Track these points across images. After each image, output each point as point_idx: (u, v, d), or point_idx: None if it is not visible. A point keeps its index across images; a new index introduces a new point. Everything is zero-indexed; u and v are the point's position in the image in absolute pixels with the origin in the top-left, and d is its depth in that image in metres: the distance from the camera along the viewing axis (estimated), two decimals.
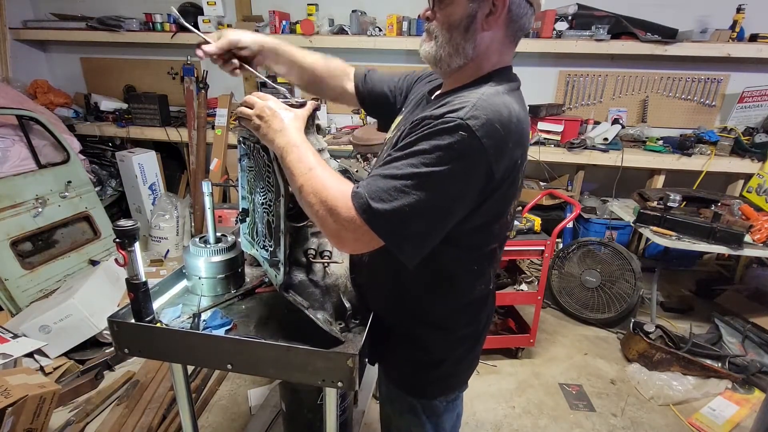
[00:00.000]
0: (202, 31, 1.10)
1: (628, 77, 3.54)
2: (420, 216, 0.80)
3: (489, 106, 0.80)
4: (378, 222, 0.80)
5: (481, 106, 0.79)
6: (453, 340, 1.08)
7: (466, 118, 0.77)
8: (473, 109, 0.78)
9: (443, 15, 0.88)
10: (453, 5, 0.86)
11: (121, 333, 1.15)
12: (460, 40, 0.88)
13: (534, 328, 2.50)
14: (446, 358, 1.09)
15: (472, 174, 0.80)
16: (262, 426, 1.86)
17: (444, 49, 0.90)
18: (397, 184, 0.79)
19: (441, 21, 0.89)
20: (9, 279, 2.46)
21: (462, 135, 0.76)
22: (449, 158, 0.77)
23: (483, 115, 0.78)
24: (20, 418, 1.65)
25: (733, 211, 2.58)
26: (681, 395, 2.28)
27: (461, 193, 0.81)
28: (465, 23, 0.86)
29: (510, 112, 0.83)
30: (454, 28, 0.87)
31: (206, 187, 1.29)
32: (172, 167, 4.06)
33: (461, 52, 0.89)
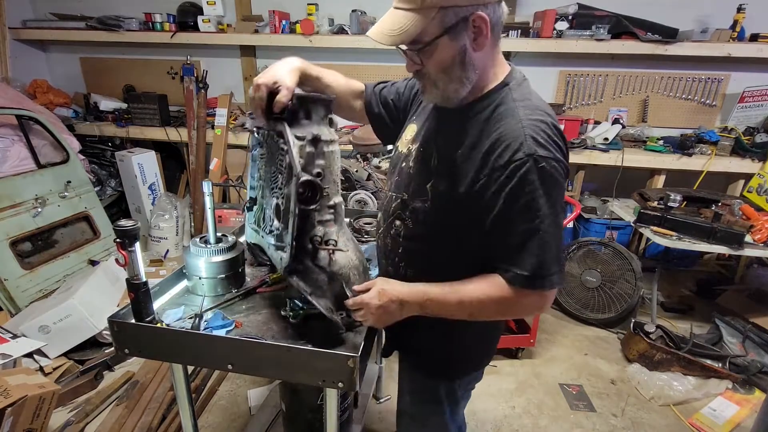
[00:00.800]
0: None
1: (628, 77, 3.53)
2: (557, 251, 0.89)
3: (538, 127, 0.86)
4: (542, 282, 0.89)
5: (534, 133, 0.85)
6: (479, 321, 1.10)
7: (532, 153, 0.84)
8: (532, 141, 0.84)
9: (433, 62, 0.89)
10: (439, 50, 0.87)
11: (121, 333, 1.14)
12: (460, 74, 0.90)
13: (534, 328, 2.49)
14: (472, 336, 1.13)
15: (563, 187, 0.90)
16: (262, 426, 1.86)
17: (449, 88, 0.92)
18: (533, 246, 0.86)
19: (434, 67, 0.90)
20: (8, 279, 2.46)
21: (541, 167, 0.84)
22: (546, 192, 0.85)
23: (542, 139, 0.85)
24: (20, 419, 1.64)
25: (734, 211, 2.57)
26: (681, 395, 2.28)
27: (562, 200, 0.91)
28: (459, 59, 0.88)
29: (548, 115, 0.90)
30: (450, 67, 0.89)
31: (206, 187, 1.29)
32: (172, 167, 4.06)
33: (465, 82, 0.91)
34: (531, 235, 0.86)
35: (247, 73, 3.98)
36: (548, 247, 0.87)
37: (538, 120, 0.87)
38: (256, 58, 3.98)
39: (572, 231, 3.58)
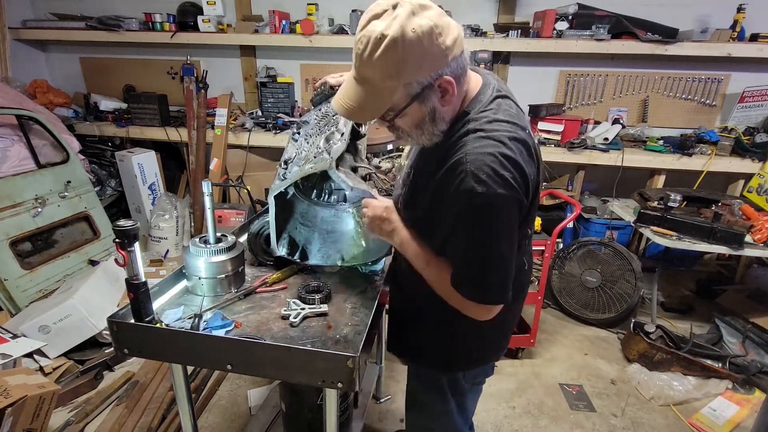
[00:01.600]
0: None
1: (628, 77, 3.53)
2: (498, 275, 0.95)
3: (481, 160, 0.87)
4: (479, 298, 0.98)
5: (476, 168, 0.87)
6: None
7: (469, 189, 0.87)
8: (471, 176, 0.87)
9: (404, 122, 0.95)
10: (408, 114, 0.92)
11: (121, 333, 1.14)
12: (431, 128, 0.95)
13: (534, 328, 2.49)
14: (469, 332, 1.16)
15: (505, 216, 0.92)
16: (262, 426, 1.86)
17: (422, 139, 0.98)
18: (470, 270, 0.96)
19: (405, 125, 0.96)
20: (8, 279, 2.46)
21: (476, 205, 0.88)
22: (478, 224, 0.91)
23: (484, 174, 0.86)
24: (20, 419, 1.64)
25: (734, 211, 2.57)
26: (681, 395, 2.28)
27: (513, 231, 0.95)
28: (429, 117, 0.93)
29: (498, 144, 0.89)
30: (422, 124, 0.94)
31: (206, 187, 1.29)
32: (172, 167, 4.06)
33: (437, 132, 0.96)
34: (468, 262, 0.96)
35: (247, 73, 3.98)
36: (482, 273, 0.94)
37: (485, 153, 0.88)
38: (256, 58, 3.98)
39: (572, 231, 3.58)
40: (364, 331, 1.15)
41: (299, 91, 4.01)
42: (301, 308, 1.24)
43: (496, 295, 0.97)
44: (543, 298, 2.44)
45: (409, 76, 0.85)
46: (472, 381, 1.29)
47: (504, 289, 0.97)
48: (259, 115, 3.90)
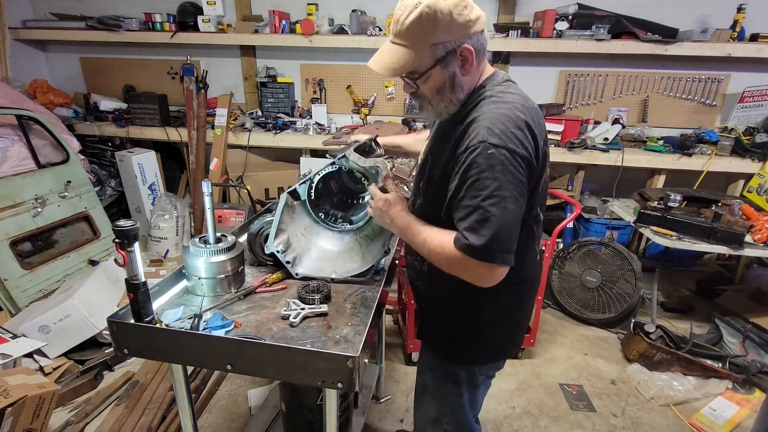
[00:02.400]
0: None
1: (628, 77, 3.53)
2: (504, 229, 0.95)
3: (497, 118, 0.97)
4: (481, 254, 0.96)
5: (491, 124, 0.96)
6: (496, 310, 1.19)
7: (483, 140, 0.94)
8: (486, 130, 0.95)
9: (427, 86, 1.05)
10: (432, 78, 1.03)
11: (121, 333, 1.14)
12: (451, 95, 1.05)
13: (534, 328, 2.49)
14: (491, 326, 1.21)
15: (517, 172, 0.95)
16: (262, 426, 1.86)
17: (441, 106, 1.08)
18: (475, 217, 0.96)
19: (428, 90, 1.06)
20: (8, 279, 2.46)
21: (490, 153, 0.93)
22: (492, 173, 0.94)
23: (498, 130, 0.95)
24: (20, 419, 1.64)
25: (734, 211, 2.57)
26: (681, 395, 2.28)
27: (519, 190, 0.97)
28: (449, 83, 1.03)
29: (515, 109, 0.99)
30: (442, 90, 1.05)
31: (206, 187, 1.29)
32: (172, 167, 4.06)
33: (455, 101, 1.07)
34: (473, 210, 0.96)
35: (247, 73, 3.98)
36: (488, 224, 0.94)
37: (500, 114, 0.98)
38: (256, 58, 3.98)
39: (572, 231, 3.58)
40: (364, 331, 1.15)
41: (299, 91, 4.02)
42: (300, 308, 1.24)
43: (499, 251, 0.96)
44: (543, 298, 2.44)
45: (436, 37, 0.97)
46: (486, 374, 1.33)
47: (507, 247, 0.97)
48: (259, 115, 3.90)
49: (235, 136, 3.61)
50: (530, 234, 1.13)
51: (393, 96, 3.85)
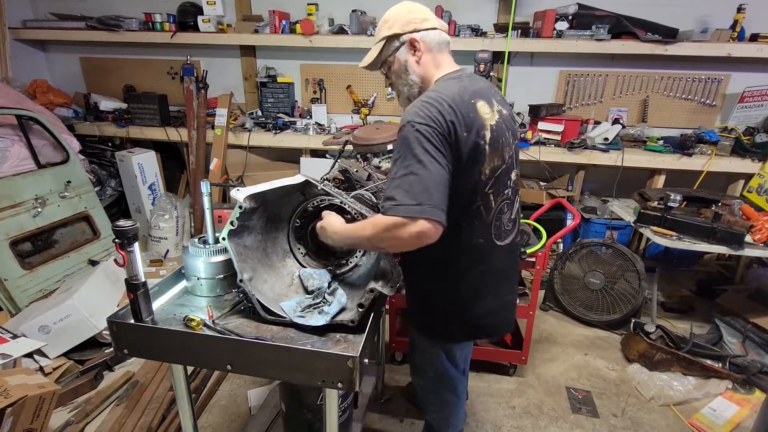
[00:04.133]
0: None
1: (628, 77, 3.53)
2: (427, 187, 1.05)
3: (424, 105, 1.13)
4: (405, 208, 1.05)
5: (418, 108, 1.13)
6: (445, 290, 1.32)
7: (410, 120, 1.11)
8: (413, 114, 1.12)
9: (393, 73, 1.34)
10: (393, 64, 1.32)
11: (121, 333, 1.15)
12: (406, 77, 1.32)
13: (526, 344, 2.32)
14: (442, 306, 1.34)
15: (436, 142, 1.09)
16: (262, 426, 1.86)
17: (404, 90, 1.34)
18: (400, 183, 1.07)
19: (394, 76, 1.34)
20: (8, 279, 2.46)
21: (415, 128, 1.09)
22: (415, 144, 1.08)
23: (423, 113, 1.11)
24: (20, 419, 1.64)
25: (734, 211, 2.57)
26: (681, 395, 2.28)
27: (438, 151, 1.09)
28: (404, 67, 1.31)
29: (438, 100, 1.13)
30: (401, 73, 1.32)
31: (205, 187, 1.29)
32: (172, 167, 4.06)
33: (411, 84, 1.32)
34: (402, 177, 1.07)
35: (247, 73, 3.99)
36: (412, 183, 1.05)
37: (428, 102, 1.13)
38: (256, 58, 3.98)
39: (573, 232, 3.58)
40: (364, 331, 1.15)
41: (299, 91, 4.02)
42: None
43: (427, 206, 1.04)
44: (534, 313, 2.33)
45: (389, 31, 1.28)
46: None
47: (435, 203, 1.05)
48: (259, 115, 3.90)
49: (235, 136, 3.61)
50: (470, 225, 1.23)
51: (393, 96, 3.85)
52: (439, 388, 1.53)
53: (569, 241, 3.47)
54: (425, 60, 1.29)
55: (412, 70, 1.30)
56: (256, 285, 1.24)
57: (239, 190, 1.18)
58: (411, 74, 1.30)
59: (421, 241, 1.07)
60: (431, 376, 1.52)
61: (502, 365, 2.45)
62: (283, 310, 1.21)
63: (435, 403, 1.58)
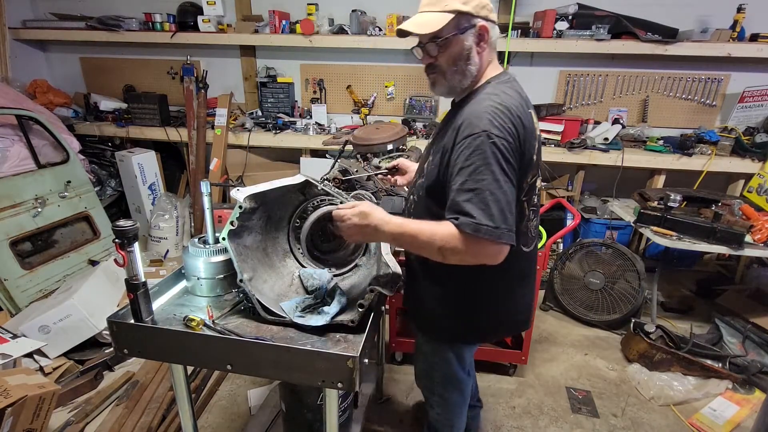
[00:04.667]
0: None
1: (628, 77, 3.53)
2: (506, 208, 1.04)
3: (496, 112, 1.07)
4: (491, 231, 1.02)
5: (491, 116, 1.06)
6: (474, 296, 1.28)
7: (486, 130, 1.05)
8: (486, 121, 1.06)
9: (445, 55, 1.16)
10: (452, 45, 1.14)
11: (121, 333, 1.15)
12: (464, 66, 1.16)
13: (526, 344, 2.33)
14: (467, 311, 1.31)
15: (511, 158, 1.06)
16: (262, 426, 1.86)
17: (454, 78, 1.18)
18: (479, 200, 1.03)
19: (445, 59, 1.16)
20: (8, 279, 2.46)
21: (492, 141, 1.04)
22: (494, 159, 1.04)
23: (497, 123, 1.06)
24: (20, 419, 1.64)
25: (734, 211, 2.57)
26: (681, 395, 2.28)
27: (513, 170, 1.08)
28: (466, 54, 1.15)
29: (508, 108, 1.09)
30: (458, 60, 1.16)
31: (205, 187, 1.29)
32: (172, 167, 4.06)
33: (467, 74, 1.18)
34: (480, 193, 1.03)
35: (247, 73, 3.98)
36: (489, 203, 1.02)
37: (497, 108, 1.08)
38: (256, 58, 3.98)
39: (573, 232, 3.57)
40: (364, 331, 1.15)
41: (299, 91, 4.02)
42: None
43: (503, 230, 1.02)
44: (534, 313, 2.34)
45: (461, 5, 1.11)
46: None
47: (508, 225, 1.03)
48: (259, 115, 3.90)
49: (235, 136, 3.61)
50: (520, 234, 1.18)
51: (393, 96, 3.85)
52: (447, 390, 1.52)
53: (569, 241, 3.46)
54: (485, 54, 1.18)
55: (473, 60, 1.16)
56: (256, 285, 1.24)
57: (239, 190, 1.18)
58: (471, 64, 1.16)
59: (492, 261, 1.07)
60: (438, 381, 1.50)
61: (502, 365, 2.45)
62: (283, 310, 1.21)
63: (441, 405, 1.56)
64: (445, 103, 3.78)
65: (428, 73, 1.22)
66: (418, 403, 2.21)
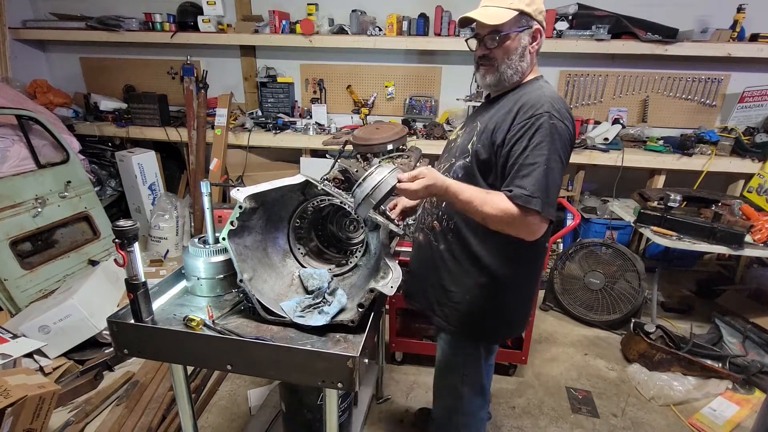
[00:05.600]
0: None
1: (628, 77, 3.53)
2: (553, 185, 1.13)
3: (555, 102, 1.17)
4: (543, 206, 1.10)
5: (552, 101, 1.16)
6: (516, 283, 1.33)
7: (549, 111, 1.13)
8: (550, 105, 1.15)
9: (502, 49, 1.23)
10: (509, 41, 1.22)
11: (121, 333, 1.14)
12: (517, 63, 1.24)
13: (526, 344, 2.32)
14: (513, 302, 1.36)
15: (568, 144, 1.17)
16: (262, 426, 1.86)
17: (507, 72, 1.25)
18: (536, 174, 1.11)
19: (501, 53, 1.23)
20: (8, 279, 2.46)
21: (553, 123, 1.13)
22: (556, 138, 1.13)
23: (557, 107, 1.15)
24: (20, 419, 1.64)
25: (734, 211, 2.57)
26: (681, 395, 2.28)
27: (567, 156, 1.18)
28: (521, 51, 1.23)
29: (564, 105, 1.20)
30: (513, 54, 1.23)
31: (205, 187, 1.29)
32: (172, 167, 4.06)
33: (518, 70, 1.25)
34: (537, 167, 1.11)
35: (247, 73, 3.98)
36: (546, 180, 1.10)
37: (557, 99, 1.19)
38: (256, 58, 3.98)
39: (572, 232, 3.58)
40: (364, 331, 1.15)
41: (299, 91, 4.02)
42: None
43: (551, 205, 1.12)
44: (534, 313, 2.32)
45: (527, 7, 1.20)
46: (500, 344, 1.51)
47: (554, 203, 1.13)
48: (259, 115, 3.90)
49: (235, 136, 3.61)
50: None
51: (393, 96, 3.85)
52: (473, 398, 1.50)
53: (569, 241, 3.46)
54: (534, 55, 1.27)
55: (525, 58, 1.24)
56: (256, 285, 1.24)
57: (239, 190, 1.18)
58: (523, 61, 1.24)
59: (531, 235, 1.15)
60: (467, 389, 1.47)
61: (502, 365, 2.45)
62: (283, 310, 1.21)
63: (467, 415, 1.53)
64: (446, 104, 3.79)
65: (480, 64, 1.28)
66: (418, 404, 2.21)
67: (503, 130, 1.18)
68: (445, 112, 3.78)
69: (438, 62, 3.72)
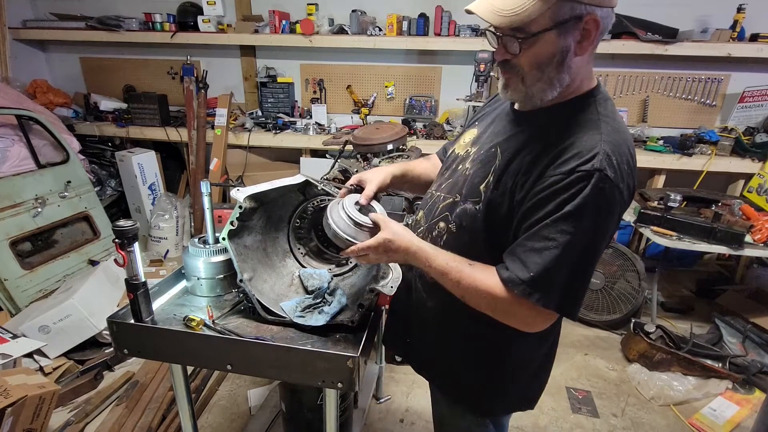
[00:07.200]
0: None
1: (628, 77, 3.53)
2: (577, 277, 0.82)
3: (616, 148, 0.80)
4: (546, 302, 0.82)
5: (611, 151, 0.79)
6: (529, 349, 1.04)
7: (602, 168, 0.77)
8: (605, 157, 0.78)
9: (529, 55, 0.82)
10: (540, 44, 0.80)
11: (121, 333, 1.14)
12: (553, 74, 0.83)
13: None
14: (522, 371, 1.06)
15: (615, 220, 0.83)
16: (261, 426, 1.86)
17: (536, 87, 0.85)
18: (548, 256, 0.79)
19: (527, 61, 0.83)
20: (8, 279, 2.46)
21: (601, 188, 0.77)
22: (595, 214, 0.78)
23: (615, 161, 0.79)
24: (20, 419, 1.64)
25: (734, 211, 2.57)
26: (681, 395, 2.28)
27: (607, 240, 0.85)
28: (558, 58, 0.81)
29: (629, 147, 0.84)
30: (546, 65, 0.82)
31: (204, 187, 1.29)
32: (172, 167, 4.06)
33: (555, 84, 0.84)
34: (554, 248, 0.79)
35: (247, 73, 3.98)
36: (560, 267, 0.80)
37: (620, 142, 0.81)
38: (256, 58, 3.98)
39: None
40: (364, 331, 1.15)
41: (299, 91, 4.02)
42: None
43: (564, 298, 0.82)
44: None
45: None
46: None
47: (572, 297, 0.84)
48: (259, 115, 3.90)
49: (235, 136, 3.61)
50: None
51: (393, 96, 3.85)
52: None
53: None
54: (585, 57, 0.85)
55: (567, 67, 0.83)
56: (256, 285, 1.24)
57: (239, 190, 1.18)
58: (563, 71, 0.83)
59: (536, 328, 0.88)
60: None
61: None
62: (283, 310, 1.21)
63: None
64: (446, 104, 3.79)
65: (501, 71, 0.90)
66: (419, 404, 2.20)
67: (532, 177, 0.83)
68: (445, 112, 3.78)
69: (438, 62, 3.72)
